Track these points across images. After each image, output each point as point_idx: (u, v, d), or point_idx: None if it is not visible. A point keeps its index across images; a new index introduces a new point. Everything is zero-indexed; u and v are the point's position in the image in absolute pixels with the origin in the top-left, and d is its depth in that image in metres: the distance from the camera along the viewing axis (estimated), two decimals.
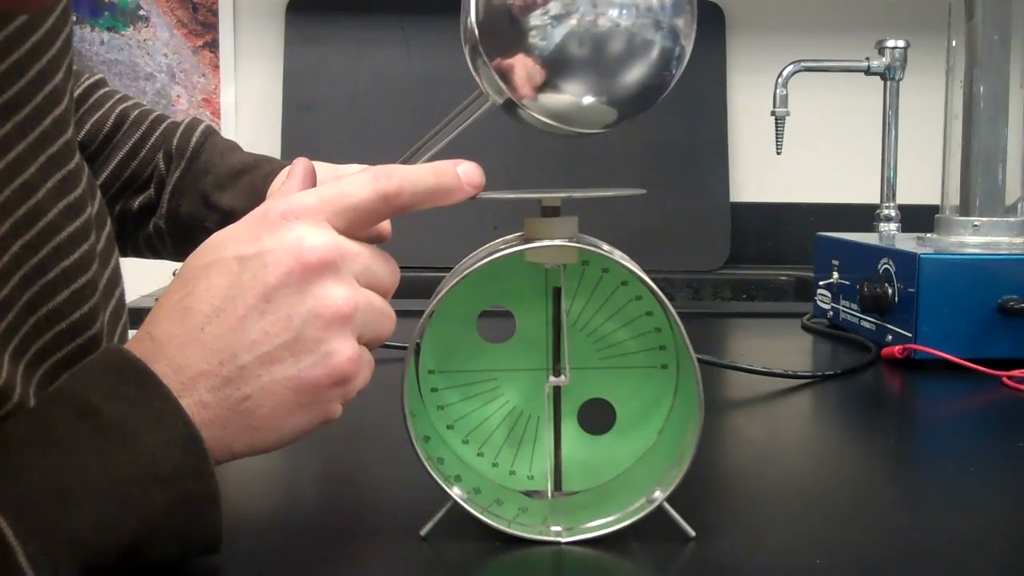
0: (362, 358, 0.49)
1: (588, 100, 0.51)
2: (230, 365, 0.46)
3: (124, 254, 0.83)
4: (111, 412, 0.44)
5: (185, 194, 0.81)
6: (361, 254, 0.49)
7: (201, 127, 0.85)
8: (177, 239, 0.81)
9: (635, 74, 0.51)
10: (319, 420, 0.49)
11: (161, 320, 0.48)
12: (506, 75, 0.51)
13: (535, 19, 0.49)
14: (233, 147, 0.85)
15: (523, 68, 0.50)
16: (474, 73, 0.55)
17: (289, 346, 0.47)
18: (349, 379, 0.48)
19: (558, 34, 0.49)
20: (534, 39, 0.50)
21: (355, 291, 0.48)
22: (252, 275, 0.47)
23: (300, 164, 0.55)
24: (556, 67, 0.50)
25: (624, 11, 0.49)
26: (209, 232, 0.75)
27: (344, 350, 0.47)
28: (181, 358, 0.46)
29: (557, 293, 0.55)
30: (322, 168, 0.76)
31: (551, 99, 0.51)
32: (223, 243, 0.49)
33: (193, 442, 0.45)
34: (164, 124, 0.85)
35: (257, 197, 0.79)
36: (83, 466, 0.43)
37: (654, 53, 0.50)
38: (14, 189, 0.56)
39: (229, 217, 0.77)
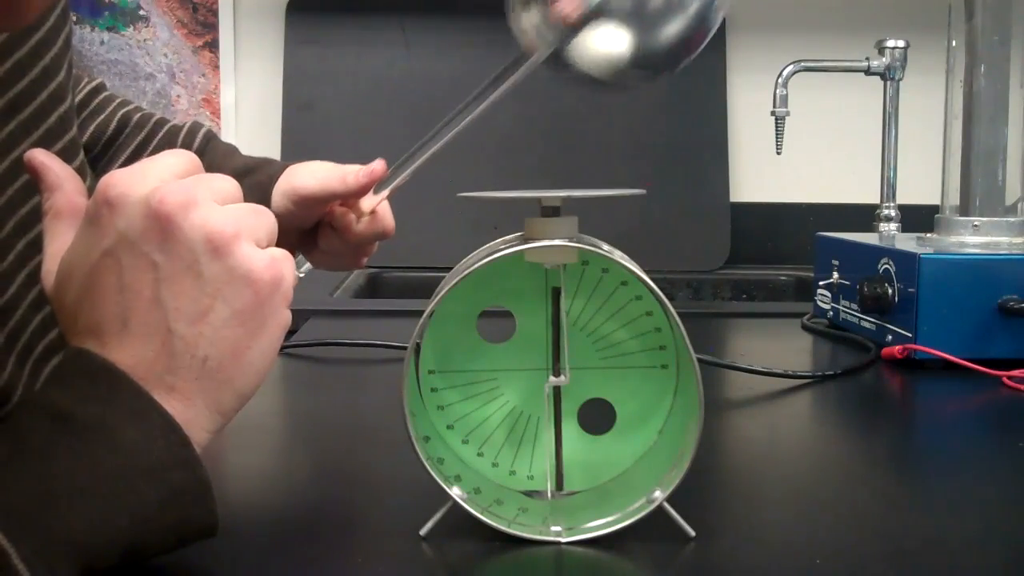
0: (275, 256, 0.47)
1: (629, 48, 0.54)
2: (171, 341, 0.45)
3: None
4: (85, 414, 0.44)
5: None
6: (200, 181, 0.47)
7: (202, 131, 0.86)
8: None
9: (676, 25, 0.53)
10: (278, 334, 0.48)
11: (84, 346, 0.46)
12: (554, 22, 0.52)
13: None
14: (233, 151, 0.86)
15: (572, 15, 0.53)
16: (518, 25, 0.58)
17: (206, 292, 0.45)
18: (278, 282, 0.47)
19: None
20: None
21: (223, 209, 0.46)
22: (129, 256, 0.45)
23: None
24: (604, 14, 0.53)
25: None
26: None
27: (254, 261, 0.46)
28: (126, 359, 0.45)
29: (556, 293, 0.55)
30: (326, 166, 0.77)
31: (594, 47, 0.54)
32: (82, 255, 0.47)
33: (173, 432, 0.45)
34: (166, 127, 0.86)
35: (264, 195, 0.79)
36: (66, 470, 0.43)
37: (695, 5, 0.53)
38: (17, 188, 0.56)
39: None
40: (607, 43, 0.53)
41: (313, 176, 0.76)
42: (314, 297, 1.38)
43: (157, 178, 0.47)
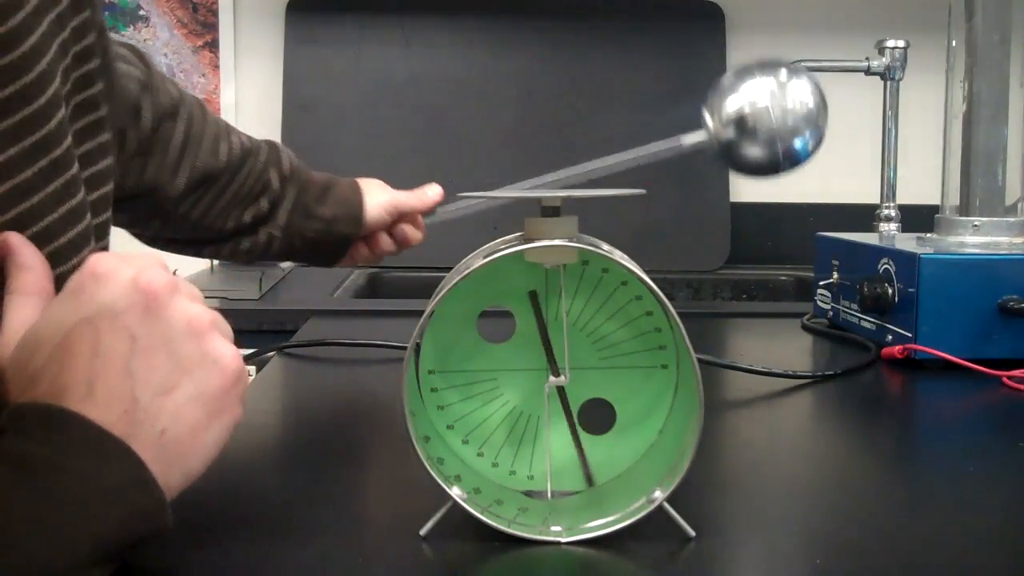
0: (239, 353, 0.50)
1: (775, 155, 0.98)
2: (134, 409, 0.46)
3: (205, 256, 0.97)
4: (37, 453, 0.44)
5: (294, 207, 0.93)
6: (177, 277, 0.50)
7: (287, 149, 0.97)
8: (284, 245, 0.94)
9: (803, 145, 0.99)
10: (230, 426, 0.49)
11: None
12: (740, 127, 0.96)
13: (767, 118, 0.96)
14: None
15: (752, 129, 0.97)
16: (710, 116, 1.00)
17: (178, 369, 0.47)
18: (240, 375, 0.49)
19: (773, 119, 0.97)
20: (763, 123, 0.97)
21: (201, 302, 0.50)
22: (109, 326, 0.47)
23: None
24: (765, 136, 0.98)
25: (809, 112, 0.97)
26: (310, 240, 0.93)
27: (226, 352, 0.49)
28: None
29: (535, 296, 0.55)
30: (388, 189, 0.97)
31: (753, 150, 0.98)
32: (57, 322, 0.48)
33: (126, 455, 0.45)
34: (263, 145, 0.94)
35: (349, 206, 0.95)
36: (21, 503, 0.43)
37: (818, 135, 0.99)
38: (1, 192, 0.55)
39: (331, 224, 0.94)
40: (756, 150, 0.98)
41: (394, 193, 0.98)
42: (314, 297, 1.38)
43: (140, 265, 0.49)
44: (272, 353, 1.00)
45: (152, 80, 0.84)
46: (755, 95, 0.97)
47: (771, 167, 0.98)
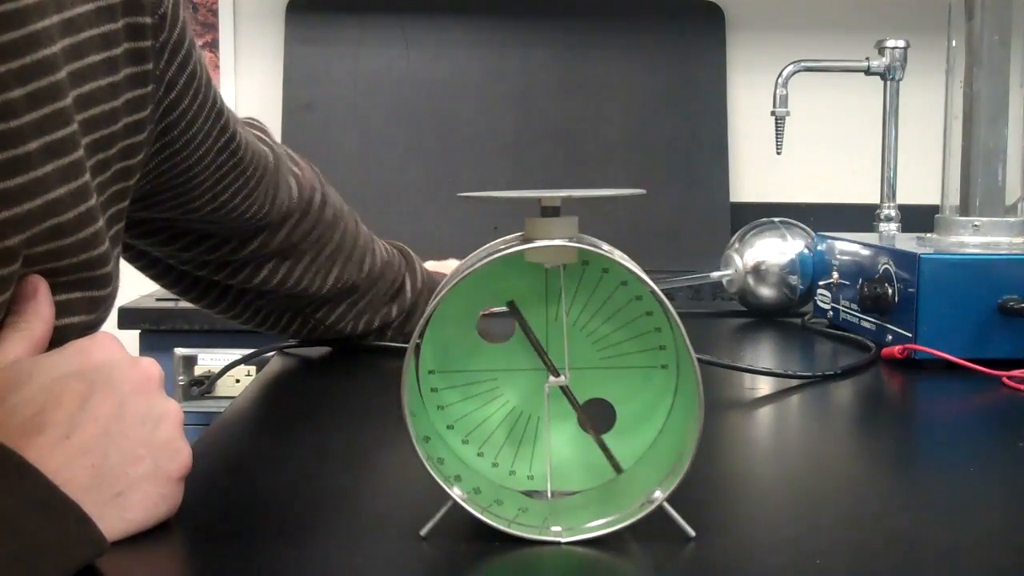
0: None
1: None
2: (102, 465, 0.49)
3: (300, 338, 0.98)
4: None
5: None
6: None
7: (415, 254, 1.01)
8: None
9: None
10: (172, 509, 0.53)
11: (15, 440, 0.48)
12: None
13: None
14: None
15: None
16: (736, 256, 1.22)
17: (148, 445, 0.51)
18: (187, 473, 0.53)
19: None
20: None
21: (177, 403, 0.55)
22: (103, 389, 0.50)
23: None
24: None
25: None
26: None
27: (187, 447, 0.53)
28: (52, 464, 0.47)
29: (514, 306, 0.55)
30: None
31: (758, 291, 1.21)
32: (52, 368, 0.51)
33: (75, 512, 0.46)
34: (397, 254, 0.98)
35: None
36: None
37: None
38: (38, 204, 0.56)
39: None
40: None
41: None
42: None
43: (139, 357, 0.54)
44: (272, 353, 1.00)
45: (327, 193, 0.90)
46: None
47: None
